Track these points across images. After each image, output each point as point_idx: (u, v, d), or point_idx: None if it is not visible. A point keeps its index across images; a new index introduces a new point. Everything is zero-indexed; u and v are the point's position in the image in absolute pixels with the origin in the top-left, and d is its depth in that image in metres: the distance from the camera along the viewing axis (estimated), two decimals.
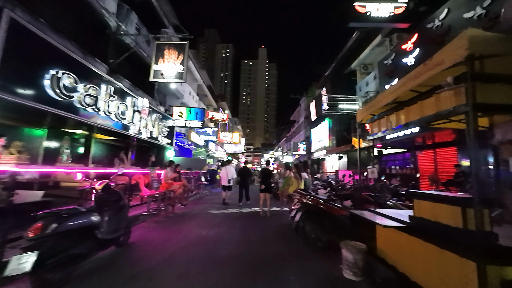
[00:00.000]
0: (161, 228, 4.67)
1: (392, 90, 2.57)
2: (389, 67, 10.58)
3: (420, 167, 11.01)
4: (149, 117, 8.67)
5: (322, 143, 19.21)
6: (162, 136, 10.04)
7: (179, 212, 6.35)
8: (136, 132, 7.75)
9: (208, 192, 11.53)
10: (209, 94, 24.96)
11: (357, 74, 17.21)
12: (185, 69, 8.07)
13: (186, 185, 6.43)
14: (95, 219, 2.65)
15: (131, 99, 7.46)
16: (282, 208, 7.30)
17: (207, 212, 6.77)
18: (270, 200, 6.49)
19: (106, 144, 10.21)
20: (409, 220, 2.35)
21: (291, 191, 5.91)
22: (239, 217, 6.25)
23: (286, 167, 6.99)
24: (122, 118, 6.94)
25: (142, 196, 4.80)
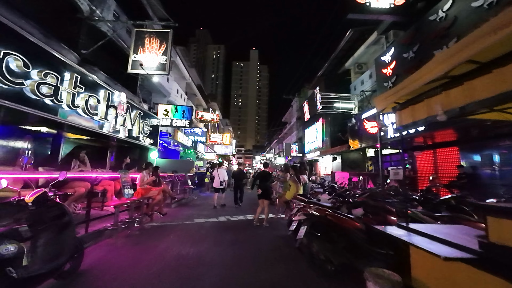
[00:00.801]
0: (131, 245, 3.77)
1: (443, 58, 1.83)
2: (387, 64, 10.07)
3: (419, 168, 10.52)
4: (128, 114, 7.71)
5: (316, 144, 18.65)
6: (144, 136, 9.06)
7: (158, 223, 5.45)
8: (110, 130, 6.79)
9: (196, 197, 10.60)
10: (198, 93, 24.00)
11: (352, 74, 16.80)
12: (168, 60, 7.19)
13: (166, 191, 5.54)
14: (8, 250, 1.77)
15: (104, 92, 6.50)
16: (278, 215, 6.51)
17: (191, 222, 5.89)
18: (268, 208, 5.66)
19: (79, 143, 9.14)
20: (479, 247, 1.62)
21: (288, 197, 5.14)
22: (229, 227, 5.41)
23: (285, 169, 6.22)
24: (93, 114, 5.98)
25: (107, 206, 3.90)
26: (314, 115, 18.56)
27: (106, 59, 8.91)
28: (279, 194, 6.26)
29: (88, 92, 5.82)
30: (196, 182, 13.21)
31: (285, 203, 5.37)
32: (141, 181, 4.95)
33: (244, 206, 9.14)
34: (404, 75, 8.87)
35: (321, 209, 2.95)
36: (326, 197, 4.58)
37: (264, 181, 5.67)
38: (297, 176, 5.17)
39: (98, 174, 4.32)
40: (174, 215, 6.70)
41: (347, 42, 16.91)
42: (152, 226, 5.08)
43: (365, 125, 9.86)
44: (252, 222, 5.76)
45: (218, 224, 5.78)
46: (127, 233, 4.35)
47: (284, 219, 6.20)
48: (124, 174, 4.40)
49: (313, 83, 22.19)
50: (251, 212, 7.53)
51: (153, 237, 4.29)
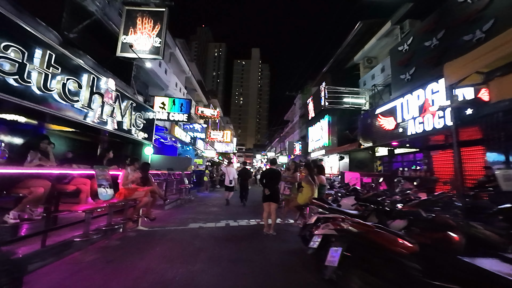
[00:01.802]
0: (102, 264, 2.91)
1: None
2: (404, 54, 9.19)
3: (436, 169, 9.63)
4: (117, 104, 6.86)
5: (321, 142, 17.78)
6: (137, 129, 8.22)
7: (145, 229, 4.61)
8: (95, 120, 5.94)
9: (193, 197, 9.76)
10: (199, 88, 23.14)
11: (360, 68, 15.91)
12: (162, 43, 6.35)
13: (156, 192, 4.69)
14: None
15: (88, 77, 5.65)
16: (285, 220, 5.66)
17: (185, 228, 5.05)
18: (275, 213, 4.77)
19: (68, 138, 8.32)
20: None
21: (301, 201, 4.30)
22: (230, 236, 4.56)
23: (294, 167, 5.35)
24: (72, 100, 5.14)
25: (76, 211, 3.04)
26: (320, 112, 17.69)
27: (95, 44, 8.06)
28: (285, 196, 5.41)
29: (66, 75, 4.97)
30: (194, 181, 12.38)
31: (297, 208, 4.51)
32: (124, 179, 4.10)
33: (247, 207, 8.35)
34: (425, 66, 8.00)
35: (362, 225, 2.09)
36: (349, 203, 3.74)
37: (272, 181, 4.79)
38: (312, 176, 4.31)
39: (65, 170, 3.48)
40: (167, 218, 5.87)
41: (355, 36, 16.02)
42: (137, 233, 4.24)
43: (379, 121, 8.98)
44: (256, 228, 4.92)
45: (217, 231, 4.93)
46: (103, 244, 3.50)
47: (294, 225, 5.35)
48: (101, 170, 3.56)
49: (318, 79, 21.30)
50: (255, 215, 6.69)
51: (134, 251, 3.44)
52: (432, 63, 7.59)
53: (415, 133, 7.04)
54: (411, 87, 8.02)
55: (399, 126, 7.84)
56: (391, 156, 11.36)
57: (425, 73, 7.85)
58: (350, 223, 2.13)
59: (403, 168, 11.74)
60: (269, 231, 4.54)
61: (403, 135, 7.64)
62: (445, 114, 5.98)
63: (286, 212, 5.55)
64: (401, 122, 7.73)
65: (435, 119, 6.29)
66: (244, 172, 9.33)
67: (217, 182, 15.84)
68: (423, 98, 6.78)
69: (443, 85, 6.13)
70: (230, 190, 8.87)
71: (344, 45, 17.25)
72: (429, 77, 7.07)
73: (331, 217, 2.67)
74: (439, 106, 5.62)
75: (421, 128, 6.78)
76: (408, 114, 7.34)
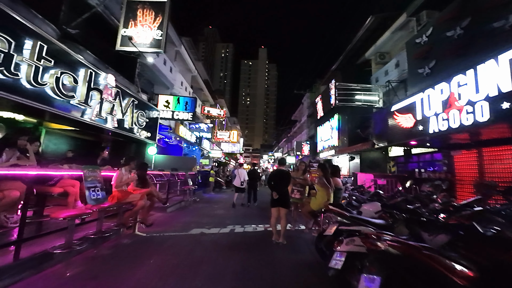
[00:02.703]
0: (84, 279, 2.49)
1: None
2: (423, 46, 8.53)
3: (458, 171, 8.91)
4: (117, 101, 6.55)
5: (330, 142, 17.14)
6: (139, 128, 7.90)
7: (143, 235, 4.22)
8: (93, 118, 5.62)
9: (198, 199, 9.38)
10: (205, 88, 22.86)
11: (372, 64, 15.23)
12: (164, 35, 5.98)
13: (154, 194, 4.27)
14: None
15: (85, 72, 5.33)
16: (295, 226, 5.16)
17: (187, 234, 4.64)
18: (285, 219, 4.24)
19: (69, 137, 8.09)
20: None
21: (315, 207, 3.80)
22: (235, 244, 4.11)
23: (304, 168, 4.83)
24: (67, 96, 4.81)
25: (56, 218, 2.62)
26: (329, 111, 17.07)
27: (96, 40, 7.79)
28: (294, 200, 4.90)
29: (60, 68, 4.65)
30: (200, 181, 12.01)
31: (311, 214, 4.00)
32: (118, 180, 3.71)
33: (254, 210, 7.92)
34: (447, 58, 7.34)
35: (406, 245, 1.59)
36: (371, 209, 3.22)
37: (281, 184, 4.26)
38: (327, 179, 3.80)
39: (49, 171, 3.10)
40: (168, 222, 5.47)
41: (367, 31, 15.39)
42: (132, 240, 3.85)
43: (396, 119, 8.35)
44: (263, 236, 4.45)
45: (221, 238, 4.49)
46: (91, 255, 3.10)
47: (305, 231, 4.85)
48: (91, 171, 3.18)
49: (327, 77, 20.66)
50: (262, 219, 6.22)
51: (124, 263, 3.02)
52: (456, 54, 6.94)
53: (438, 131, 6.40)
54: (432, 81, 7.37)
55: (418, 124, 7.20)
56: (407, 156, 10.66)
57: (448, 65, 7.19)
58: (388, 241, 1.63)
59: (419, 169, 11.04)
60: (278, 240, 4.06)
61: (424, 134, 7.00)
62: (475, 109, 5.35)
63: (296, 216, 5.04)
64: (421, 119, 7.10)
65: (462, 115, 5.65)
66: (253, 173, 9.39)
67: (223, 183, 15.45)
68: (447, 92, 6.15)
69: (472, 77, 5.51)
70: (241, 191, 8.97)
71: (354, 41, 16.64)
72: (453, 69, 6.44)
73: (356, 230, 2.18)
74: None
75: (445, 125, 6.14)
76: (430, 111, 6.71)
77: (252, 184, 9.23)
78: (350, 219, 2.67)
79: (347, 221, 2.70)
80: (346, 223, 2.66)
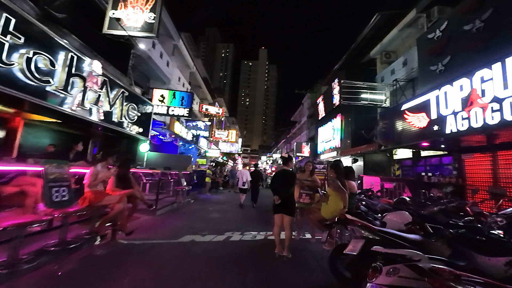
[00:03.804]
0: None
1: None
2: (436, 42, 7.99)
3: (469, 175, 8.35)
4: (104, 91, 5.92)
5: (332, 144, 16.58)
6: (129, 122, 7.27)
7: (124, 243, 3.59)
8: (74, 108, 4.99)
9: (192, 200, 8.75)
10: (204, 85, 22.26)
11: (377, 64, 14.71)
12: (157, 19, 5.36)
13: (137, 196, 3.61)
14: None
15: (65, 54, 4.71)
16: (300, 235, 4.55)
17: (175, 242, 4.02)
18: (290, 227, 3.58)
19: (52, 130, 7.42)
20: None
21: (327, 215, 3.20)
22: (232, 258, 3.48)
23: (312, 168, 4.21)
24: (41, 80, 4.19)
25: None
26: (331, 111, 16.52)
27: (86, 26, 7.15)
28: (302, 205, 4.30)
29: (32, 48, 4.03)
30: (195, 181, 11.37)
31: (322, 224, 3.36)
32: (91, 179, 3.06)
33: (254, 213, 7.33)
34: (465, 53, 6.80)
35: None
36: (397, 219, 2.63)
37: (286, 186, 3.59)
38: (342, 181, 3.20)
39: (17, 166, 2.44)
40: (156, 227, 4.85)
41: (372, 29, 14.85)
42: (109, 251, 3.22)
43: (406, 118, 7.80)
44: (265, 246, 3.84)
45: (215, 249, 3.87)
46: (46, 273, 2.44)
47: (312, 241, 4.25)
48: (55, 167, 2.56)
49: (329, 77, 20.13)
50: (263, 225, 5.61)
51: (88, 285, 2.39)
52: (476, 49, 6.40)
53: (456, 132, 5.84)
54: (445, 78, 6.84)
55: (433, 124, 6.65)
56: (416, 159, 10.11)
57: (465, 60, 6.65)
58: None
59: (426, 173, 10.50)
60: (282, 252, 3.46)
61: (439, 134, 6.44)
62: (502, 106, 4.79)
63: (302, 223, 4.42)
64: (436, 119, 6.54)
65: (487, 114, 5.09)
66: (256, 174, 9.30)
67: (220, 183, 14.81)
68: (468, 88, 5.60)
69: (499, 71, 4.96)
70: (244, 192, 8.95)
71: (359, 40, 16.11)
72: (472, 65, 5.90)
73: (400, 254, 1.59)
74: None
75: (466, 125, 5.58)
76: (447, 109, 6.15)
77: (254, 185, 9.15)
78: (380, 234, 2.07)
79: (375, 236, 2.11)
80: (375, 239, 2.07)
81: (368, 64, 15.43)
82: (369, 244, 2.03)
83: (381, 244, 1.97)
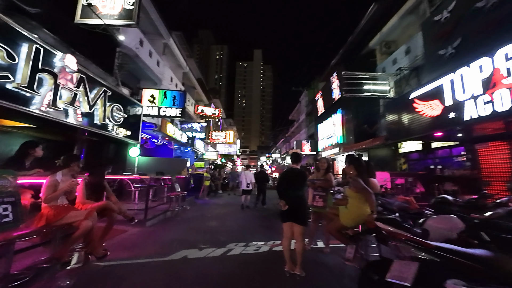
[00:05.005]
0: None
1: None
2: (444, 24, 7.42)
3: (483, 166, 7.75)
4: (82, 90, 5.26)
5: (333, 140, 15.99)
6: (115, 125, 6.60)
7: (101, 264, 2.95)
8: (43, 108, 4.34)
9: (189, 207, 8.08)
10: (198, 86, 21.61)
11: (377, 55, 14.15)
12: (136, 4, 4.73)
13: (113, 209, 2.91)
14: None
15: (28, 46, 4.06)
16: (312, 243, 3.91)
17: (164, 261, 3.37)
18: (303, 239, 2.92)
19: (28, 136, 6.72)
20: None
21: (347, 222, 2.57)
22: (232, 279, 2.84)
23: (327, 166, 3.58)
24: None
25: None
26: (331, 107, 15.95)
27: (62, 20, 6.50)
28: (315, 209, 3.65)
29: None
30: (192, 186, 10.71)
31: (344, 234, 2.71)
32: (49, 191, 2.40)
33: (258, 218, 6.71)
34: (479, 32, 6.22)
35: None
36: (446, 227, 2.00)
37: (295, 188, 2.95)
38: (365, 180, 2.55)
39: None
40: (142, 242, 4.19)
41: (369, 20, 14.30)
42: (75, 280, 2.57)
43: (416, 107, 7.21)
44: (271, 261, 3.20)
45: (211, 266, 3.23)
46: None
47: (325, 251, 3.61)
48: (7, 176, 1.93)
49: (327, 72, 19.56)
50: (267, 232, 4.98)
51: None
52: (491, 27, 5.81)
53: (478, 117, 5.24)
54: (457, 63, 6.26)
55: (448, 111, 6.05)
56: (427, 152, 9.52)
57: (480, 40, 6.07)
58: None
59: (435, 166, 9.91)
60: (294, 270, 2.81)
61: (456, 122, 5.85)
62: None
63: (314, 231, 3.76)
64: (451, 105, 5.95)
65: None
66: (261, 176, 9.26)
67: (219, 186, 14.13)
68: (489, 68, 5.01)
69: None
70: (248, 193, 8.81)
71: (356, 32, 15.57)
72: (488, 45, 5.33)
73: None
74: None
75: (489, 109, 4.98)
76: (464, 94, 5.56)
77: (260, 187, 9.11)
78: (440, 254, 1.45)
79: (431, 256, 1.48)
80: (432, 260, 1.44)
81: (367, 55, 14.88)
82: (425, 267, 1.41)
83: (442, 267, 1.34)
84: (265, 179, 9.46)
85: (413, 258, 1.52)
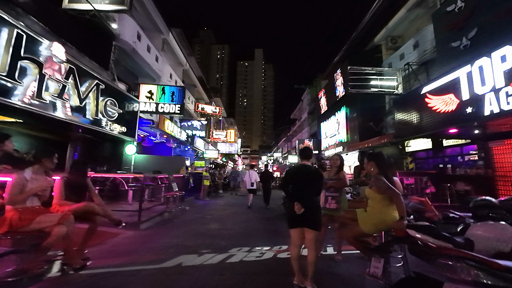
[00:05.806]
0: None
1: None
2: (458, 14, 6.99)
3: (498, 165, 7.32)
4: (72, 81, 4.90)
5: (337, 138, 15.59)
6: (109, 120, 6.24)
7: (83, 274, 2.58)
8: (27, 100, 3.97)
9: (188, 207, 7.70)
10: (199, 84, 21.20)
11: (383, 50, 13.72)
12: None
13: (96, 212, 2.54)
14: None
15: (8, 31, 3.68)
16: (321, 249, 3.51)
17: (156, 269, 2.99)
18: (316, 247, 2.52)
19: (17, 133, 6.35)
20: None
21: (368, 228, 2.18)
22: None
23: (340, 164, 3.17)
24: None
25: None
26: (334, 105, 15.55)
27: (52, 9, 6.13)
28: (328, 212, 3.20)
29: None
30: (192, 185, 10.34)
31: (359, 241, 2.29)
32: (15, 191, 2.02)
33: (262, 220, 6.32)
34: (497, 20, 5.79)
35: None
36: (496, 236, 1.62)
37: (307, 188, 2.53)
38: (389, 178, 2.16)
39: None
40: (134, 248, 3.81)
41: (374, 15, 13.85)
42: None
43: (429, 103, 6.80)
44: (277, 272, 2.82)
45: (209, 277, 2.84)
46: None
47: (336, 259, 3.21)
48: None
49: (330, 69, 19.14)
50: (271, 236, 4.58)
51: None
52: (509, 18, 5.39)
53: (500, 112, 4.82)
54: (474, 54, 5.85)
55: (465, 106, 5.64)
56: (437, 150, 9.10)
57: (499, 29, 5.64)
58: None
59: (445, 165, 9.49)
60: (304, 283, 2.39)
61: (474, 117, 5.44)
62: None
63: (324, 234, 3.31)
64: (468, 99, 5.53)
65: None
66: (266, 175, 9.23)
67: (220, 186, 13.75)
68: None
69: None
70: (253, 192, 8.89)
71: (360, 28, 15.13)
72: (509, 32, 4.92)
73: None
74: None
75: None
76: (484, 86, 5.14)
77: (265, 186, 9.03)
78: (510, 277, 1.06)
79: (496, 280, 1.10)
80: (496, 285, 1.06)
81: (372, 51, 14.44)
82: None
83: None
84: (270, 179, 9.46)
85: (477, 284, 1.13)
